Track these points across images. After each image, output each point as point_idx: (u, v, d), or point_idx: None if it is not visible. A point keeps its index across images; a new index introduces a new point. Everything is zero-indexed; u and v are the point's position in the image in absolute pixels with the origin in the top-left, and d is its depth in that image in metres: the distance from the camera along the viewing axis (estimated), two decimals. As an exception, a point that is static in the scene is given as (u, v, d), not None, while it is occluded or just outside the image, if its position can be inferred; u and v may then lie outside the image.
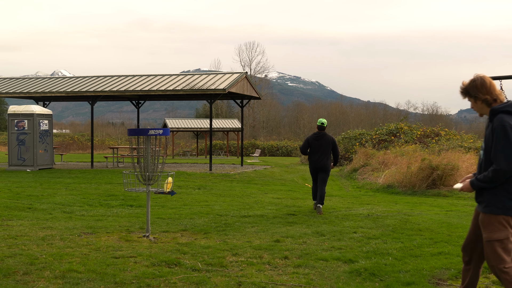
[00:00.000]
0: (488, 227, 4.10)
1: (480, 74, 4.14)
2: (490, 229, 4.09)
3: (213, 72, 29.93)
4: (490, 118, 4.07)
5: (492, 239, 4.07)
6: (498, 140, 3.93)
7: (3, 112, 73.22)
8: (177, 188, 14.10)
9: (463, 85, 4.17)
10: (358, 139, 29.83)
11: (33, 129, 21.38)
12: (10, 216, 9.22)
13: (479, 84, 4.05)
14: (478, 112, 4.18)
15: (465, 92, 4.15)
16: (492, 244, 4.08)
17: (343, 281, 5.29)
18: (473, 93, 4.08)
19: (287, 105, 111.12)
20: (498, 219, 4.05)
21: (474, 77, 4.14)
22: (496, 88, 4.08)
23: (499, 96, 4.09)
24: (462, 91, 4.17)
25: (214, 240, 7.34)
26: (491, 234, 4.08)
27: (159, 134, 7.18)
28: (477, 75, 4.14)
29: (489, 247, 4.11)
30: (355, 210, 10.56)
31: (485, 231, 4.12)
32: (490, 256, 4.11)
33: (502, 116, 3.97)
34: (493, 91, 4.06)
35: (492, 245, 4.08)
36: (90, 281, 5.18)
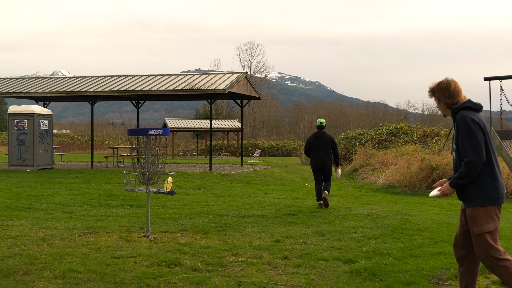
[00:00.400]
0: (477, 220, 4.16)
1: (449, 78, 4.33)
2: (479, 222, 4.15)
3: (213, 72, 29.94)
4: (453, 117, 4.26)
5: (482, 232, 4.13)
6: (462, 134, 4.10)
7: (3, 112, 73.23)
8: (177, 188, 14.11)
9: (432, 85, 4.39)
10: (358, 139, 29.83)
11: (33, 129, 21.38)
12: (10, 216, 9.22)
13: (444, 87, 4.27)
14: (442, 112, 4.42)
15: (432, 92, 4.38)
16: (482, 236, 4.13)
17: (343, 281, 5.29)
18: (437, 94, 4.32)
19: (287, 105, 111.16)
20: (486, 211, 4.13)
21: (443, 79, 4.34)
22: (461, 95, 4.25)
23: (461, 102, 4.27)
24: (430, 90, 4.39)
25: (214, 240, 7.34)
26: (481, 227, 4.14)
27: (159, 134, 7.18)
28: (445, 78, 4.34)
29: (480, 240, 4.15)
30: (355, 210, 10.56)
31: (475, 224, 4.17)
32: (483, 248, 4.15)
33: (463, 112, 4.16)
34: (456, 96, 4.25)
35: (482, 237, 4.13)
36: (90, 281, 5.18)
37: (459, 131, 4.14)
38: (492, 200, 4.13)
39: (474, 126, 4.09)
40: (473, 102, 4.21)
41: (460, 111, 4.19)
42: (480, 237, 4.15)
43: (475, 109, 4.19)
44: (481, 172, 4.14)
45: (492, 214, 4.14)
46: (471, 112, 4.16)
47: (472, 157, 4.06)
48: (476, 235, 4.17)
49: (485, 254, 4.15)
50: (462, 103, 4.23)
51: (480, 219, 4.15)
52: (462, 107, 4.20)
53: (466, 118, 4.11)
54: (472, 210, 4.20)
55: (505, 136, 9.30)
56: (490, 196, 4.13)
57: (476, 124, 4.09)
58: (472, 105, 4.19)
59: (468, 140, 4.08)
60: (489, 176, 4.14)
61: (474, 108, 4.19)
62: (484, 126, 4.16)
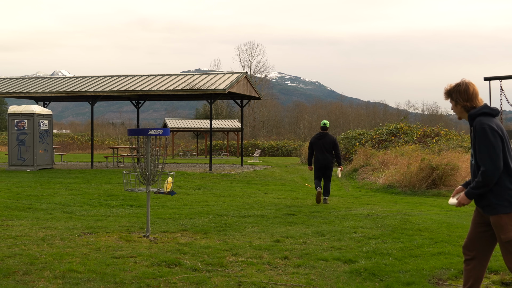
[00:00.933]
0: (503, 227, 4.09)
1: (466, 80, 4.25)
2: (506, 229, 4.09)
3: (213, 72, 29.94)
4: (470, 123, 4.18)
5: (511, 238, 4.07)
6: (480, 142, 4.03)
7: (3, 112, 73.23)
8: (177, 188, 14.11)
9: (448, 87, 4.30)
10: (358, 139, 29.83)
11: (33, 129, 21.38)
12: (10, 216, 9.23)
13: (463, 90, 4.19)
14: (457, 115, 4.33)
15: (448, 94, 4.29)
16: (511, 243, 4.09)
17: (343, 281, 5.29)
18: (455, 97, 4.23)
19: (287, 105, 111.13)
20: (510, 217, 4.07)
21: (460, 81, 4.26)
22: (478, 97, 4.19)
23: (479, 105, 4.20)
24: (446, 92, 4.31)
25: (214, 240, 7.34)
26: (509, 233, 4.08)
27: (159, 134, 7.18)
28: (463, 80, 4.26)
29: (510, 246, 4.10)
30: (355, 210, 10.56)
31: (502, 232, 4.10)
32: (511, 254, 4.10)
33: (481, 118, 4.09)
34: (474, 99, 4.18)
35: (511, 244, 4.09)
36: (90, 281, 5.18)
37: (477, 138, 4.07)
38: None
39: (492, 134, 4.01)
40: (490, 108, 4.14)
41: (478, 117, 4.11)
42: (509, 244, 4.10)
43: (493, 114, 4.12)
44: (500, 178, 4.06)
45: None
46: (489, 118, 4.09)
47: (489, 166, 3.99)
48: (504, 242, 4.12)
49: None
50: (479, 108, 4.15)
51: (507, 226, 4.08)
52: (480, 113, 4.11)
53: (484, 125, 4.03)
54: (496, 218, 4.12)
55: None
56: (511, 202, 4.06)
57: (495, 131, 4.02)
58: (489, 110, 4.11)
59: (485, 149, 4.01)
60: (510, 182, 4.05)
61: (491, 113, 4.11)
62: (502, 132, 4.08)
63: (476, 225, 4.37)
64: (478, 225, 4.36)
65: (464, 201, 4.19)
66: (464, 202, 4.19)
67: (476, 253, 4.35)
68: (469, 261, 4.39)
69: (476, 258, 4.36)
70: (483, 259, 4.34)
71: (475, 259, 4.36)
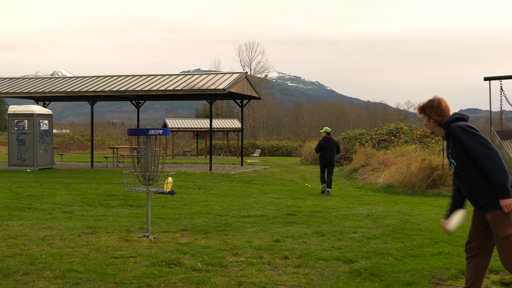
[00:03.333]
0: (500, 224, 4.13)
1: (438, 97, 4.45)
2: (503, 225, 4.13)
3: (213, 72, 29.94)
4: (446, 132, 4.33)
5: (507, 235, 4.11)
6: (466, 141, 4.13)
7: (3, 112, 73.20)
8: (177, 188, 14.11)
9: (421, 103, 4.48)
10: (358, 139, 29.83)
11: (33, 129, 21.38)
12: (10, 216, 9.22)
13: (436, 105, 4.37)
14: (430, 130, 4.50)
15: (421, 109, 4.46)
16: (508, 240, 4.12)
17: (343, 281, 5.29)
18: (428, 112, 4.40)
19: (287, 105, 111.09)
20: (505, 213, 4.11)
21: (433, 98, 4.45)
22: (449, 112, 4.37)
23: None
24: (419, 108, 4.49)
25: (214, 240, 7.34)
26: (506, 230, 4.12)
27: (159, 134, 7.18)
28: (436, 97, 4.44)
29: (506, 244, 4.13)
30: (355, 210, 10.56)
31: (499, 228, 4.14)
32: (508, 251, 4.12)
33: (455, 123, 4.25)
34: (446, 113, 4.37)
35: (508, 241, 4.12)
36: (90, 281, 5.18)
37: (461, 140, 4.17)
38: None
39: (472, 129, 4.16)
40: (461, 114, 4.32)
41: (452, 123, 4.27)
42: (506, 241, 4.12)
43: (464, 119, 4.29)
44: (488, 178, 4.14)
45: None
46: (462, 121, 4.26)
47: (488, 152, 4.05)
48: (501, 239, 4.15)
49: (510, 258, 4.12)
50: (451, 116, 4.33)
51: (504, 222, 4.12)
52: (453, 119, 4.29)
53: (461, 126, 4.19)
54: (492, 215, 4.17)
55: (505, 136, 9.28)
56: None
57: (473, 128, 4.17)
58: (461, 116, 4.29)
59: (475, 142, 4.10)
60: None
61: (463, 118, 4.29)
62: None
63: (475, 223, 4.43)
64: (477, 223, 4.43)
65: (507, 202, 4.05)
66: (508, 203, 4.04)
67: (478, 250, 4.42)
68: (470, 258, 4.45)
69: (478, 255, 4.42)
70: (484, 256, 4.39)
71: (476, 256, 4.42)
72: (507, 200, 4.01)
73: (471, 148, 4.11)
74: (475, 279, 4.42)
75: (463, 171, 4.24)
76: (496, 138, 8.99)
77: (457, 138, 4.20)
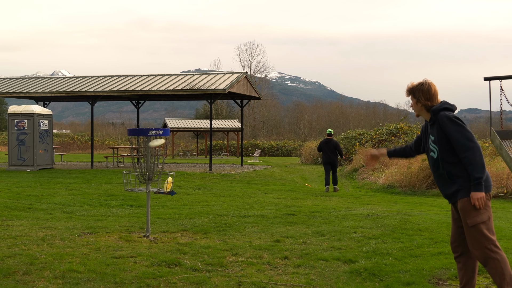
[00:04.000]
0: (470, 212, 4.16)
1: (428, 80, 4.43)
2: (473, 214, 4.15)
3: (213, 72, 29.93)
4: (433, 118, 4.34)
5: (476, 223, 4.14)
6: (452, 132, 4.17)
7: (3, 112, 73.19)
8: (177, 188, 14.10)
9: (410, 85, 4.46)
10: (358, 139, 29.83)
11: (33, 129, 21.38)
12: (10, 216, 9.22)
13: (425, 89, 4.36)
14: (416, 112, 4.48)
15: (410, 91, 4.45)
16: (477, 227, 4.14)
17: (343, 281, 5.29)
18: (417, 95, 4.39)
19: (287, 105, 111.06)
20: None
21: (423, 81, 4.43)
22: (438, 98, 4.39)
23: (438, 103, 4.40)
24: (409, 90, 4.47)
25: (214, 240, 7.34)
26: (475, 218, 4.14)
27: (159, 134, 7.18)
28: (426, 80, 4.43)
29: (475, 231, 4.16)
30: (355, 210, 10.56)
31: (468, 216, 4.17)
32: (477, 239, 4.15)
33: (444, 112, 4.26)
34: (435, 99, 4.38)
35: (477, 228, 4.14)
36: (90, 281, 5.18)
37: (447, 129, 4.20)
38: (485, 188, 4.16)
39: (460, 121, 4.20)
40: (450, 104, 4.35)
41: (441, 111, 4.29)
42: (475, 229, 4.15)
43: (452, 109, 4.33)
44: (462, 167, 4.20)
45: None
46: (450, 112, 4.30)
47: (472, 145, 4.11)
48: (470, 227, 4.17)
49: (478, 245, 4.15)
50: (440, 103, 4.35)
51: (473, 210, 4.16)
52: (442, 108, 4.31)
53: (449, 116, 4.22)
54: (462, 202, 4.20)
55: (505, 136, 9.27)
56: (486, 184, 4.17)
57: (460, 120, 4.22)
58: (450, 106, 4.33)
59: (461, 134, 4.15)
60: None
61: (451, 109, 4.33)
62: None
63: (455, 221, 4.47)
64: (456, 220, 4.47)
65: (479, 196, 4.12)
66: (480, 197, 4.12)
67: (462, 249, 4.44)
68: (459, 257, 4.48)
69: (464, 254, 4.44)
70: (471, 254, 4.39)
71: (463, 255, 4.44)
72: (479, 193, 4.09)
73: (456, 139, 4.15)
74: (467, 278, 4.43)
75: (444, 156, 4.25)
76: (496, 138, 8.99)
77: (443, 127, 4.22)
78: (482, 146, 19.96)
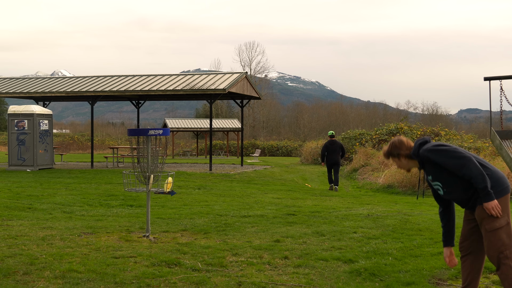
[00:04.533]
0: (488, 218, 4.19)
1: (395, 137, 4.64)
2: (490, 219, 4.19)
3: (213, 72, 29.93)
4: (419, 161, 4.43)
5: (495, 228, 4.17)
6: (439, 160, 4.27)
7: (3, 112, 73.16)
8: (177, 188, 14.10)
9: (384, 150, 4.63)
10: (358, 139, 29.84)
11: (33, 129, 21.38)
12: (10, 216, 9.22)
13: (398, 144, 4.52)
14: (405, 168, 4.60)
15: (388, 154, 4.60)
16: (495, 232, 4.17)
17: (343, 281, 5.29)
18: (396, 153, 4.52)
19: (287, 105, 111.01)
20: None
21: (391, 140, 4.61)
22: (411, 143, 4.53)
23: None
24: (386, 154, 4.62)
25: (214, 240, 7.34)
26: (493, 223, 4.17)
27: (159, 134, 7.18)
28: (393, 138, 4.63)
29: (493, 236, 4.18)
30: (355, 210, 10.56)
31: (487, 222, 4.20)
32: (494, 243, 4.17)
33: (422, 150, 4.37)
34: (410, 146, 4.51)
35: (495, 233, 4.17)
36: (90, 281, 5.18)
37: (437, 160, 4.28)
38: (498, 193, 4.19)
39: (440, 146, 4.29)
40: (421, 138, 4.47)
41: (420, 151, 4.38)
42: (493, 234, 4.19)
43: (427, 141, 4.44)
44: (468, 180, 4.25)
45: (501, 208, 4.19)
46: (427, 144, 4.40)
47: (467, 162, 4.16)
48: (488, 232, 4.20)
49: (495, 250, 4.18)
50: (414, 144, 4.46)
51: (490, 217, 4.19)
52: (418, 146, 4.41)
53: (428, 148, 4.32)
54: (479, 209, 4.24)
55: (505, 136, 9.27)
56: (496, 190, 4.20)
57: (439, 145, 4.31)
58: (423, 140, 4.44)
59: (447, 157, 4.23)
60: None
61: (426, 140, 4.43)
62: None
63: (467, 222, 4.51)
64: (468, 221, 4.50)
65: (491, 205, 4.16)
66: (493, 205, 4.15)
67: (472, 248, 4.48)
68: (465, 256, 4.50)
69: (472, 254, 4.47)
70: (479, 254, 4.44)
71: (471, 254, 4.48)
72: (491, 203, 4.13)
73: (446, 165, 4.24)
74: (471, 278, 4.45)
75: (449, 186, 4.34)
76: (496, 138, 8.99)
77: (430, 161, 4.32)
78: (482, 146, 19.96)
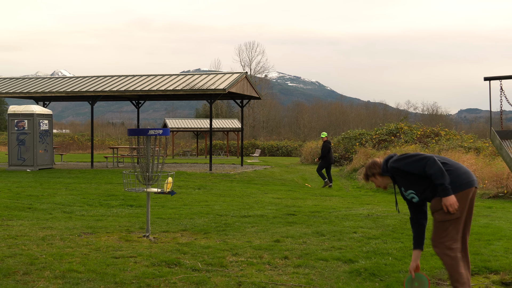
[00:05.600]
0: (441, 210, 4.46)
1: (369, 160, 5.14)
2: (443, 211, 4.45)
3: (213, 72, 29.94)
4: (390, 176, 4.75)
5: (444, 220, 4.45)
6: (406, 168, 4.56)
7: (3, 112, 73.16)
8: (177, 188, 14.10)
9: (363, 174, 5.03)
10: (358, 139, 29.83)
11: (33, 129, 21.38)
12: (10, 216, 9.23)
13: (371, 164, 4.90)
14: (382, 185, 4.92)
15: (366, 176, 4.96)
16: (444, 224, 4.45)
17: (343, 281, 5.29)
18: (371, 173, 4.89)
19: (287, 105, 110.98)
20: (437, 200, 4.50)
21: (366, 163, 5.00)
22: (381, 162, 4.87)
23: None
24: (364, 176, 5.01)
25: (214, 240, 7.34)
26: (443, 215, 4.45)
27: (159, 134, 7.19)
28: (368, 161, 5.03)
29: (441, 226, 4.47)
30: (355, 210, 10.56)
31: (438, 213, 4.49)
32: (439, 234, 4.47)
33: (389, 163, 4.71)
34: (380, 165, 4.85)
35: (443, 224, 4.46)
36: (90, 281, 5.18)
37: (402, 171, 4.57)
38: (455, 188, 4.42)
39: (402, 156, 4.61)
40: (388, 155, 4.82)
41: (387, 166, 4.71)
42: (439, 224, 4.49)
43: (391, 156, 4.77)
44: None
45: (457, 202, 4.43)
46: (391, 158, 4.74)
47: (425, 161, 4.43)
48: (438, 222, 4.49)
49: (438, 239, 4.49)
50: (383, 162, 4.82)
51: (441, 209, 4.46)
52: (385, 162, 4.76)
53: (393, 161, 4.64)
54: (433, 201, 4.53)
55: (505, 136, 9.26)
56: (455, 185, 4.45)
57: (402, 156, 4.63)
58: (388, 157, 4.80)
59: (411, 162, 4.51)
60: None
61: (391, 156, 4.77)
62: None
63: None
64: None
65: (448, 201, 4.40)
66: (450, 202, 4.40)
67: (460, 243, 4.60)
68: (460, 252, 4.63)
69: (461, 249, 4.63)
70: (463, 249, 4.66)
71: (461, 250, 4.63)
72: (449, 199, 4.38)
73: (413, 170, 4.50)
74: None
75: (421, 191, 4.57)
76: (496, 138, 8.99)
77: (398, 172, 4.61)
78: (482, 146, 19.96)
